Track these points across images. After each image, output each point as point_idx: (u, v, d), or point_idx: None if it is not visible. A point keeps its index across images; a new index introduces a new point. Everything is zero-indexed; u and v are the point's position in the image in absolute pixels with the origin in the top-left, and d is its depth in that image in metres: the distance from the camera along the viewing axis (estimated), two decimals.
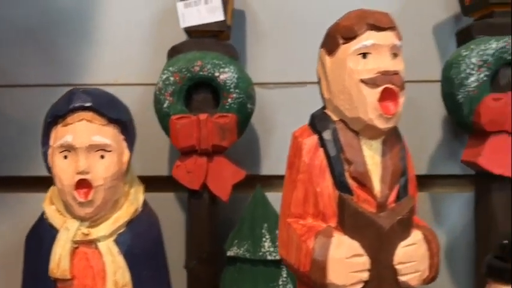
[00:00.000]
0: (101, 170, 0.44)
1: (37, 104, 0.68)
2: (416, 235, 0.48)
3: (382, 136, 0.48)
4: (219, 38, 0.66)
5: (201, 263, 0.65)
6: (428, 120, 0.72)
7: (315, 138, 0.48)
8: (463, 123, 0.63)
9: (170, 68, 0.63)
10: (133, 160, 0.72)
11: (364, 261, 0.46)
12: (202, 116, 0.63)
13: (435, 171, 0.73)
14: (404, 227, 0.47)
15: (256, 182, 0.67)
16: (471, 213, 0.70)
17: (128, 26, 0.72)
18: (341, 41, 0.47)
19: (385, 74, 0.45)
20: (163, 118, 0.64)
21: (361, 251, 0.46)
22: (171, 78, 0.63)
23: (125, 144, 0.47)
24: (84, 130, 0.44)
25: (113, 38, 0.73)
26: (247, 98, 0.64)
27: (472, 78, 0.60)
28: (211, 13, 0.63)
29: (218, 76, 0.63)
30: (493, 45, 0.60)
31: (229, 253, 0.64)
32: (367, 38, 0.46)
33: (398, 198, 0.48)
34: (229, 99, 0.63)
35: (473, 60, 0.60)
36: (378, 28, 0.46)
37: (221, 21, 0.64)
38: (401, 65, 0.47)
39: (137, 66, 0.73)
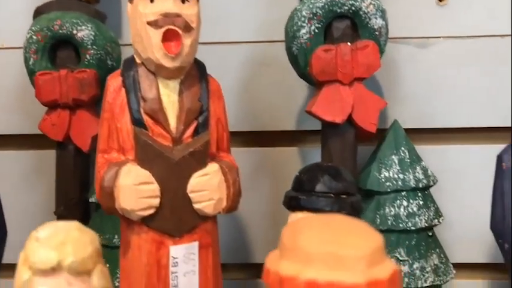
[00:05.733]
0: None
1: None
2: (212, 167, 0.52)
3: (179, 77, 0.52)
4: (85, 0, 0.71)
5: (68, 209, 0.70)
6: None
7: (119, 79, 0.53)
8: (302, 75, 0.66)
9: (33, 28, 0.68)
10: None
11: (154, 188, 0.50)
12: (63, 72, 0.67)
13: (302, 127, 0.77)
14: (198, 159, 0.52)
15: None
16: None
17: None
18: None
19: (166, 16, 0.49)
20: (31, 75, 0.69)
21: (150, 179, 0.50)
22: (34, 37, 0.68)
23: None
24: None
25: None
26: (105, 55, 0.68)
27: (304, 31, 0.63)
28: None
29: (76, 34, 0.67)
30: None
31: (91, 199, 0.69)
32: None
33: (196, 133, 0.52)
34: (88, 56, 0.68)
35: (304, 13, 0.63)
36: None
37: None
38: (190, 10, 0.51)
39: (20, 31, 0.77)
